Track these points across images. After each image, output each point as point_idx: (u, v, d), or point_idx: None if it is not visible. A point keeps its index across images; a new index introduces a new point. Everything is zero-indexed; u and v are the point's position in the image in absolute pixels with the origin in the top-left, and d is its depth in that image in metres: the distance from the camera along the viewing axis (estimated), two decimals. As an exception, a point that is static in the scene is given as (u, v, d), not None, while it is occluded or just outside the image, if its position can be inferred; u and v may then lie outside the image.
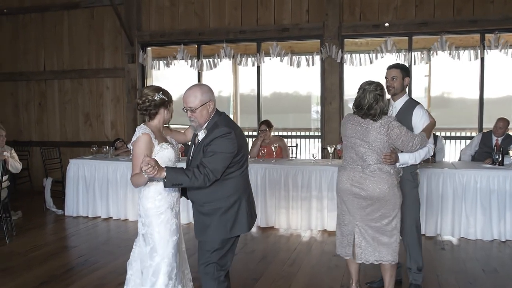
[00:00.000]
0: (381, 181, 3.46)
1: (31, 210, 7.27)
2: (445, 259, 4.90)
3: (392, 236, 3.53)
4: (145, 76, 8.33)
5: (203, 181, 2.74)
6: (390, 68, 3.93)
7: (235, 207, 2.90)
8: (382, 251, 3.53)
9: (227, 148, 2.78)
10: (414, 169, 3.86)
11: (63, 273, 4.59)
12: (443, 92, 11.12)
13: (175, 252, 3.02)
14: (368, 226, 3.54)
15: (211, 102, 2.89)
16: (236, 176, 2.90)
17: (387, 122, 3.46)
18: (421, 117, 3.78)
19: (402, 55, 7.15)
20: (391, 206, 3.49)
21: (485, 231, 5.51)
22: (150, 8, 8.23)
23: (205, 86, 2.95)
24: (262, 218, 6.11)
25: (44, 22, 8.82)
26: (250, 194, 3.05)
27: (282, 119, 10.29)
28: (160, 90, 3.02)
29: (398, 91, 3.89)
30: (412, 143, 3.53)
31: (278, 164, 6.11)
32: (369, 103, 3.47)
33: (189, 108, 2.87)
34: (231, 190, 2.89)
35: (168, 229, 3.00)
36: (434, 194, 5.62)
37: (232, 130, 2.82)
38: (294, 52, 8.16)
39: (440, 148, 6.59)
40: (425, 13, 7.11)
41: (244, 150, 2.95)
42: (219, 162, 2.77)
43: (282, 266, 4.71)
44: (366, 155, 3.50)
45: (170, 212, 3.02)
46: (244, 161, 2.95)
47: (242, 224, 2.94)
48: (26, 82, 9.00)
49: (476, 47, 6.95)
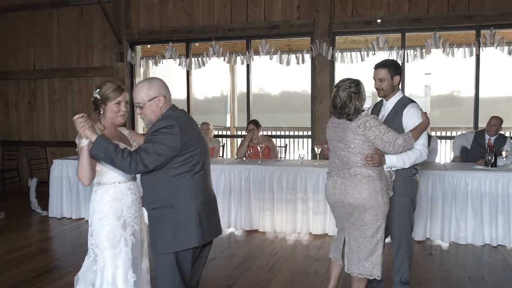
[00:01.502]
0: (360, 187, 3.18)
1: (16, 211, 7.13)
2: (432, 265, 4.67)
3: (377, 250, 3.25)
4: (134, 75, 8.17)
5: (129, 164, 2.49)
6: (377, 68, 3.55)
7: (183, 214, 2.61)
8: (366, 264, 3.27)
9: (167, 141, 2.52)
10: (407, 175, 3.43)
11: (33, 277, 4.44)
12: (446, 90, 10.87)
13: (124, 271, 2.71)
14: (356, 235, 3.28)
15: (161, 96, 2.66)
16: (186, 179, 2.61)
17: (363, 122, 3.18)
18: (411, 116, 3.42)
19: (394, 52, 6.92)
20: (374, 215, 3.19)
21: (476, 236, 5.28)
22: (139, 6, 8.08)
23: (155, 80, 2.73)
24: (246, 221, 5.92)
25: (33, 20, 8.69)
26: (205, 201, 2.72)
27: (274, 118, 10.12)
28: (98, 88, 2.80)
29: (387, 92, 3.54)
30: (394, 143, 3.21)
31: (263, 165, 5.92)
32: (341, 101, 3.22)
33: (137, 104, 2.68)
34: (179, 194, 2.61)
35: (110, 240, 2.71)
36: (423, 196, 5.38)
37: (175, 124, 2.55)
38: (292, 50, 7.97)
39: (433, 148, 6.35)
40: (419, 8, 6.87)
41: (198, 150, 2.65)
42: (153, 152, 2.50)
43: (260, 272, 4.52)
44: (347, 158, 3.26)
45: (115, 221, 2.73)
46: (196, 163, 2.64)
47: (190, 236, 2.62)
48: (15, 81, 8.88)
49: (471, 44, 6.70)
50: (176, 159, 2.58)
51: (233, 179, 5.97)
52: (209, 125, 7.10)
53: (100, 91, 2.76)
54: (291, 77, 9.62)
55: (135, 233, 2.83)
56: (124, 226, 2.77)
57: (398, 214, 3.47)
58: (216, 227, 2.85)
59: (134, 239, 2.81)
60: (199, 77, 9.12)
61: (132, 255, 2.78)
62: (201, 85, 10.38)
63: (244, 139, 6.88)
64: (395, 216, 3.46)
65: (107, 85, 2.77)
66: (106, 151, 2.50)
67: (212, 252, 5.09)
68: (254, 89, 8.25)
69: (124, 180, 2.79)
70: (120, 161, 2.49)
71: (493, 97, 9.15)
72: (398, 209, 3.45)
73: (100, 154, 2.52)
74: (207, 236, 2.71)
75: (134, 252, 2.80)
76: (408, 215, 3.51)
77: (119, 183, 2.77)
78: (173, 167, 2.59)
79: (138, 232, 2.86)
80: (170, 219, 2.61)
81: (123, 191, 2.78)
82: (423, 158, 3.40)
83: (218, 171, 6.00)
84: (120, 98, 2.76)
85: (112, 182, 2.76)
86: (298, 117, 10.65)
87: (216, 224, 2.86)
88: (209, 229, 2.73)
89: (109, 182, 2.75)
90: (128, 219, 2.79)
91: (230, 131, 10.57)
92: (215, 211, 2.86)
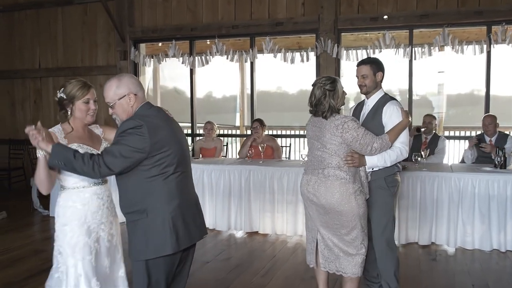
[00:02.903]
0: (332, 189, 3.11)
1: (18, 211, 7.10)
2: (434, 271, 4.46)
3: (354, 248, 3.17)
4: (138, 74, 8.08)
5: (91, 169, 2.32)
6: (360, 65, 3.55)
7: (155, 220, 2.43)
8: (343, 262, 3.21)
9: (133, 142, 2.34)
10: (389, 173, 3.41)
11: (22, 279, 4.35)
12: (460, 89, 10.56)
13: (87, 279, 2.57)
14: (331, 234, 3.23)
15: (131, 94, 2.49)
16: (158, 182, 2.43)
17: (341, 123, 3.10)
18: (390, 115, 3.38)
19: (401, 50, 6.70)
20: (347, 216, 3.12)
21: (484, 241, 5.03)
22: (142, 4, 7.99)
23: (124, 77, 2.55)
24: (246, 223, 5.77)
25: (39, 19, 8.69)
26: (181, 205, 2.51)
27: (280, 117, 9.95)
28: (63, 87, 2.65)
29: (370, 89, 3.53)
30: (370, 146, 3.15)
31: (264, 166, 5.76)
32: (316, 99, 3.18)
33: (107, 103, 2.53)
34: (151, 199, 2.43)
35: (71, 247, 2.56)
36: (428, 199, 5.17)
37: (143, 124, 2.36)
38: (302, 48, 7.79)
39: (441, 149, 6.15)
40: (427, 4, 6.63)
41: (170, 151, 2.45)
42: (118, 154, 2.33)
43: (254, 277, 4.37)
44: (322, 158, 3.19)
45: (77, 228, 2.58)
46: (168, 165, 2.45)
47: (163, 243, 2.43)
48: (21, 80, 8.89)
49: (482, 41, 6.44)
50: (146, 162, 2.40)
51: (233, 180, 5.83)
52: (213, 124, 6.98)
53: (65, 90, 2.61)
54: (298, 75, 9.44)
55: (100, 240, 2.68)
56: (88, 233, 2.62)
57: (378, 215, 3.41)
58: (195, 232, 2.62)
59: (99, 246, 2.66)
60: (210, 75, 9.03)
61: (96, 263, 2.63)
62: (212, 84, 10.27)
63: (247, 138, 6.75)
64: (375, 217, 3.40)
65: (72, 83, 2.62)
66: (65, 159, 2.33)
67: (208, 254, 5.04)
68: (263, 87, 8.10)
69: (89, 185, 2.65)
70: (81, 166, 2.32)
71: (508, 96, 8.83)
72: (377, 208, 3.41)
73: (59, 163, 2.36)
74: (183, 242, 2.51)
75: (99, 259, 2.66)
76: (390, 216, 3.44)
77: (84, 188, 2.63)
78: (144, 169, 2.42)
79: (105, 239, 2.70)
80: (142, 224, 2.45)
81: (87, 197, 2.64)
82: (403, 156, 3.36)
83: (218, 172, 5.87)
84: (88, 95, 2.63)
85: (76, 187, 2.62)
86: (304, 116, 10.42)
87: (196, 228, 2.62)
88: (186, 235, 2.52)
89: (73, 187, 2.62)
90: (92, 226, 2.64)
91: (240, 130, 10.42)
92: (195, 215, 2.65)
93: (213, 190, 5.89)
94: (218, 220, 5.88)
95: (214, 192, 5.88)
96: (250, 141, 6.55)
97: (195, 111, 8.08)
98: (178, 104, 9.76)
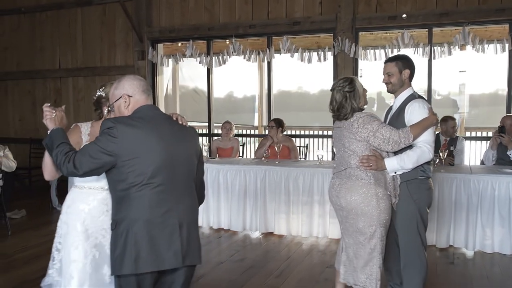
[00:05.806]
0: (352, 190, 3.03)
1: (38, 209, 7.22)
2: (451, 275, 4.37)
3: (371, 260, 3.03)
4: (155, 74, 8.14)
5: (62, 161, 2.18)
6: (386, 63, 3.38)
7: (121, 235, 2.20)
8: (360, 275, 3.08)
9: (103, 143, 2.18)
10: (410, 178, 3.13)
11: (37, 277, 4.31)
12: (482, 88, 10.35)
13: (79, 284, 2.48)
14: (352, 240, 3.13)
15: (125, 96, 2.35)
16: (129, 192, 2.20)
17: (356, 119, 3.04)
18: (412, 111, 3.15)
19: (420, 49, 6.58)
20: (366, 221, 3.00)
21: (504, 244, 4.90)
22: (160, 4, 8.04)
23: (123, 79, 2.42)
24: (261, 223, 5.75)
25: (59, 19, 8.81)
26: (151, 223, 2.20)
27: (300, 117, 9.88)
28: (103, 86, 2.71)
29: (397, 87, 3.31)
30: (388, 140, 2.98)
31: (279, 166, 5.72)
32: (338, 103, 3.10)
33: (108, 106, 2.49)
34: (122, 211, 2.22)
35: (67, 246, 2.51)
36: (446, 201, 5.06)
37: (116, 125, 2.20)
38: (321, 48, 7.73)
39: (460, 149, 6.01)
40: (447, 2, 6.50)
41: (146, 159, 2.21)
42: (86, 153, 2.20)
43: (267, 278, 4.34)
44: (343, 159, 3.14)
45: (77, 227, 2.53)
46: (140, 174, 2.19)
47: (121, 261, 2.18)
48: (42, 80, 9.03)
49: (504, 39, 6.29)
50: (115, 170, 2.23)
51: (248, 180, 5.81)
52: (232, 124, 6.97)
53: (106, 89, 2.65)
54: (318, 74, 9.37)
55: (101, 247, 2.57)
56: (86, 236, 2.54)
57: (402, 223, 3.21)
58: (169, 257, 2.23)
59: (98, 253, 2.55)
60: (231, 75, 9.06)
61: (95, 270, 2.53)
62: (233, 84, 10.29)
63: (265, 138, 6.71)
64: (400, 225, 3.22)
65: (108, 83, 2.68)
66: (51, 144, 2.26)
67: (223, 255, 5.03)
68: (283, 87, 8.05)
69: (98, 188, 2.61)
70: (56, 156, 2.22)
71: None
72: (401, 217, 3.20)
73: (46, 146, 2.31)
74: (144, 265, 2.19)
75: (98, 267, 2.55)
76: (414, 225, 3.19)
77: (90, 189, 2.61)
78: (116, 179, 2.24)
79: (105, 246, 2.53)
80: (112, 236, 2.27)
81: (92, 199, 2.60)
82: (427, 157, 3.09)
83: (234, 172, 5.86)
84: None
85: (84, 187, 2.62)
86: (323, 116, 10.35)
87: (170, 253, 2.23)
88: (150, 256, 2.19)
89: (81, 186, 2.63)
90: (91, 230, 2.56)
91: (258, 130, 10.40)
92: (174, 238, 2.24)
93: (228, 190, 5.88)
94: (233, 221, 5.86)
95: (230, 192, 5.87)
96: (269, 142, 6.48)
97: (212, 111, 8.08)
98: (198, 104, 9.77)
